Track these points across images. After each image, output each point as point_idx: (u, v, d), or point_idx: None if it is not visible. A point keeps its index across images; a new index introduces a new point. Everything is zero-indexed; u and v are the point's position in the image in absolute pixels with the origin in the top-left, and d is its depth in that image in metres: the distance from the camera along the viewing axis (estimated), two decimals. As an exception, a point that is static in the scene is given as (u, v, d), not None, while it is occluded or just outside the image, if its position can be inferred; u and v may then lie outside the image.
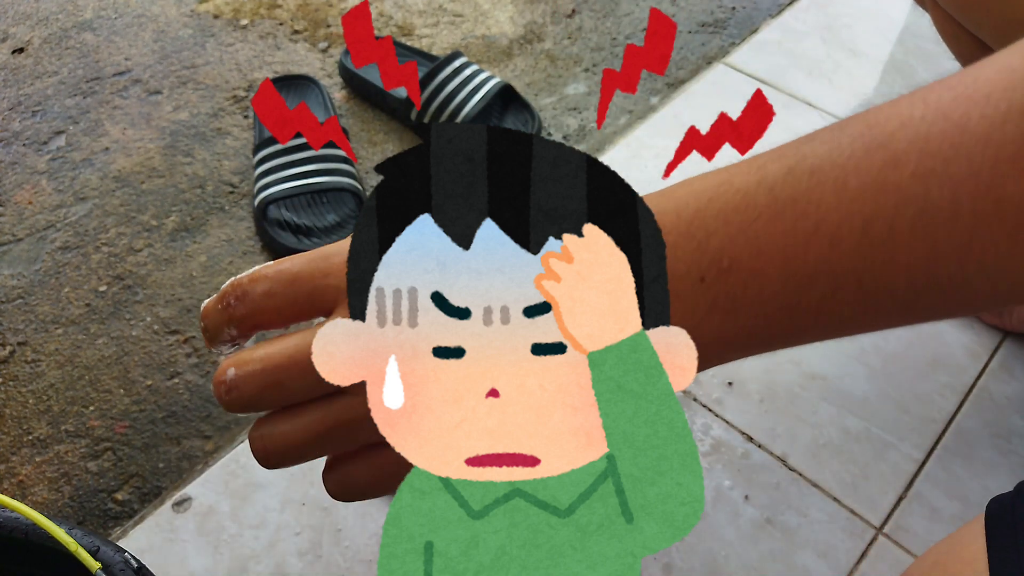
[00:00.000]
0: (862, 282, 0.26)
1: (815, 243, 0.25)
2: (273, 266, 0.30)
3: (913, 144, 0.25)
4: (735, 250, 0.27)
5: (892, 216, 0.25)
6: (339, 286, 0.29)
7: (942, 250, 0.24)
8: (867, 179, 0.25)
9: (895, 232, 0.25)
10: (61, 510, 0.70)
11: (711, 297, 0.27)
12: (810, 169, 0.26)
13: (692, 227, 0.28)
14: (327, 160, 0.90)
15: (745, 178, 0.28)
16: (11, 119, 1.01)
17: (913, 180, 0.24)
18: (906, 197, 0.24)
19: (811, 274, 0.26)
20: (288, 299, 0.30)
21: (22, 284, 0.85)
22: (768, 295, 0.25)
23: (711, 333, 0.27)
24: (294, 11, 1.16)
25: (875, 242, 0.25)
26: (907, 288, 0.25)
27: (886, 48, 1.14)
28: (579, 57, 1.11)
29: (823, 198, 0.25)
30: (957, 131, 0.24)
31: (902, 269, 0.25)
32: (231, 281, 0.31)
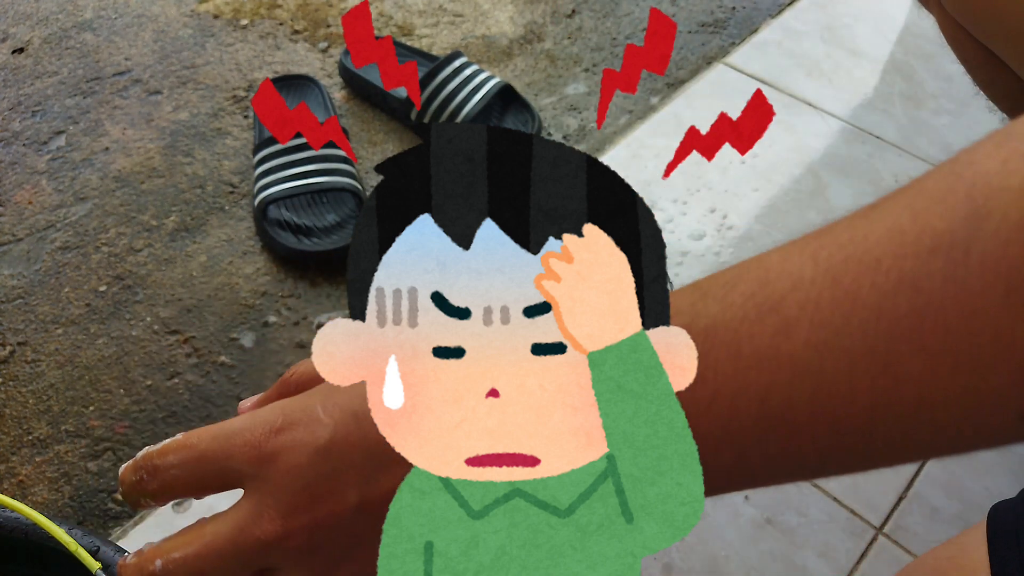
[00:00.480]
0: (767, 451, 0.25)
1: (715, 411, 0.25)
2: (181, 442, 0.31)
3: (804, 310, 0.24)
4: None
5: (788, 389, 0.24)
6: (241, 469, 0.30)
7: (844, 427, 0.24)
8: (760, 346, 0.25)
9: (794, 406, 0.24)
10: (61, 510, 0.70)
11: None
12: (704, 330, 0.26)
13: None
14: (327, 160, 0.90)
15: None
16: (11, 119, 1.01)
17: (806, 350, 0.24)
18: (801, 370, 0.24)
19: (716, 441, 0.25)
20: (196, 477, 0.31)
21: (22, 284, 0.85)
22: None
23: None
24: (294, 11, 1.16)
25: (774, 414, 0.25)
26: (816, 455, 0.25)
27: (886, 48, 1.14)
28: (579, 57, 1.11)
29: (719, 365, 0.25)
30: (848, 299, 0.23)
31: (807, 440, 0.25)
32: (144, 453, 0.32)
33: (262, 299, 0.84)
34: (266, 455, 0.30)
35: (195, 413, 0.76)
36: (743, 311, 0.25)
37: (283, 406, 0.31)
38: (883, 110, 1.05)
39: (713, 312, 0.26)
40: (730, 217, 0.92)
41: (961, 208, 0.22)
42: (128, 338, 0.81)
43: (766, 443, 0.25)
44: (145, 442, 0.74)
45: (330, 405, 0.30)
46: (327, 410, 0.30)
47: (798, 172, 0.97)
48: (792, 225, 0.91)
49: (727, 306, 0.26)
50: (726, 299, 0.26)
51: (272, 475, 0.30)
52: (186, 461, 0.31)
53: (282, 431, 0.30)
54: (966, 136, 1.01)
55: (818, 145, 1.00)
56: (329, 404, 0.30)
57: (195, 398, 0.77)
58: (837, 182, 0.96)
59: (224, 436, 0.31)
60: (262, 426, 0.31)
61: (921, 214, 0.23)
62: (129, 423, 0.75)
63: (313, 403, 0.31)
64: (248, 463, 0.30)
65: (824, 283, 0.24)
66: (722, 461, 0.26)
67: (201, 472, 0.31)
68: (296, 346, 0.80)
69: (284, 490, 0.30)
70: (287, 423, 0.30)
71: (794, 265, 0.25)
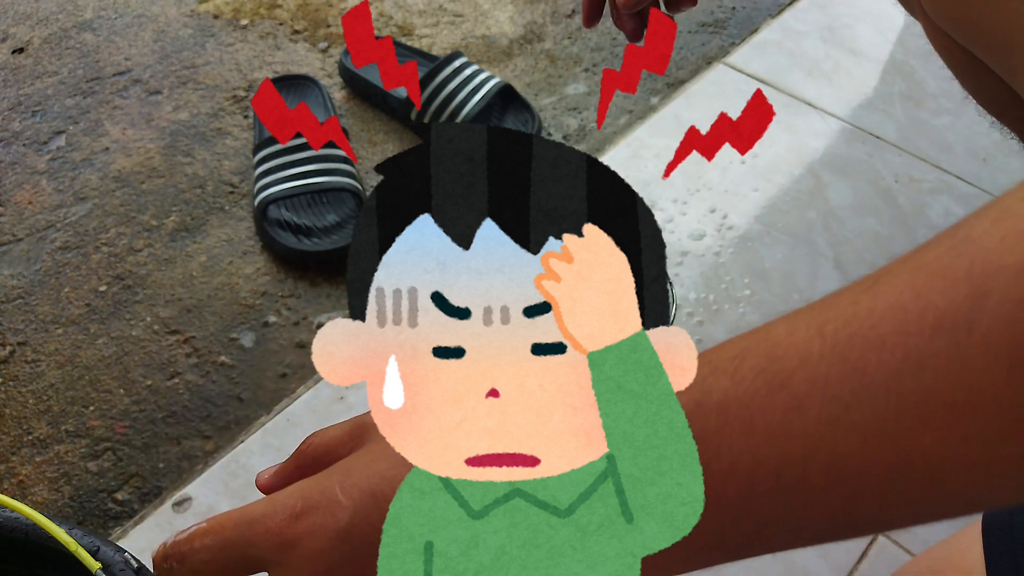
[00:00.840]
0: (785, 520, 0.26)
1: (732, 484, 0.25)
2: (206, 529, 0.32)
3: (814, 386, 0.24)
4: None
5: (803, 464, 0.25)
6: (264, 556, 0.31)
7: (859, 497, 0.25)
8: (773, 422, 0.25)
9: (809, 479, 0.25)
10: (61, 510, 0.70)
11: None
12: (717, 406, 0.26)
13: None
14: (327, 160, 0.90)
15: None
16: (11, 119, 1.01)
17: (819, 426, 0.24)
18: (814, 444, 0.24)
19: (735, 514, 0.26)
20: (222, 563, 0.32)
21: (22, 284, 0.85)
22: (695, 532, 0.25)
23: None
24: (294, 11, 1.16)
25: (790, 487, 0.25)
26: (832, 526, 0.26)
27: (886, 48, 1.14)
28: (579, 57, 1.11)
29: (733, 439, 0.26)
30: (856, 375, 0.24)
31: (822, 512, 0.25)
32: (173, 540, 0.33)
33: (262, 299, 0.84)
34: (288, 541, 0.30)
35: (195, 413, 0.76)
36: (754, 387, 0.26)
37: (302, 489, 0.32)
38: (883, 110, 1.05)
39: (724, 387, 0.26)
40: (730, 217, 0.92)
41: (962, 286, 0.23)
42: (128, 338, 0.81)
43: (783, 514, 0.26)
44: (145, 442, 0.74)
45: (349, 486, 0.31)
46: (346, 492, 0.30)
47: (798, 172, 0.97)
48: (792, 225, 0.91)
49: (737, 381, 0.26)
50: (736, 374, 0.26)
51: (295, 561, 0.30)
52: (211, 548, 0.32)
53: (302, 516, 0.31)
54: (966, 136, 1.01)
55: (818, 145, 1.00)
56: (348, 485, 0.31)
57: (195, 398, 0.77)
58: (837, 182, 0.96)
59: (246, 523, 0.31)
60: (282, 512, 0.31)
61: (923, 291, 0.24)
62: (129, 423, 0.75)
63: (332, 484, 0.31)
64: (270, 550, 0.31)
65: (832, 359, 0.24)
66: (743, 530, 0.26)
67: (225, 559, 0.32)
68: (296, 346, 0.80)
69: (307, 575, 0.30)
70: (307, 507, 0.31)
71: (801, 339, 0.26)
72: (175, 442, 0.74)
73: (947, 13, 0.46)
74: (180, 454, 0.73)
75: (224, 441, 0.74)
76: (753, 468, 0.25)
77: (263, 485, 0.36)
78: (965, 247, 0.23)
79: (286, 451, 0.72)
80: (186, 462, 0.73)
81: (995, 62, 0.45)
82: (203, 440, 0.74)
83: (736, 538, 0.26)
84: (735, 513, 0.26)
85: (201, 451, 0.73)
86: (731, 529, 0.26)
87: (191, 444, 0.74)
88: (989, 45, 0.45)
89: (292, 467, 0.36)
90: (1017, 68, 0.43)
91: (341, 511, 0.30)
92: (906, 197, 0.95)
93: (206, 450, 0.73)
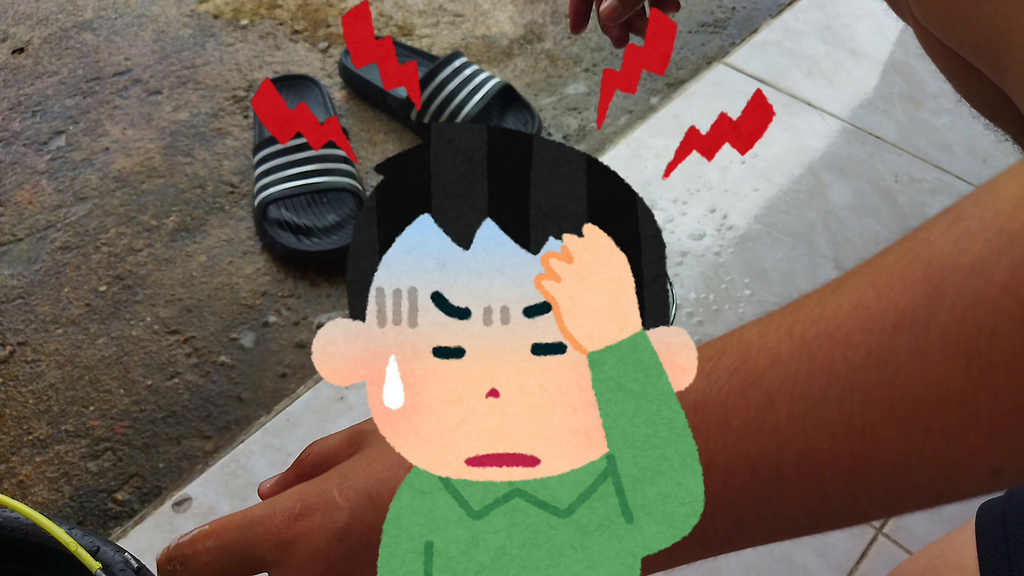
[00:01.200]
0: (761, 513, 0.27)
1: (709, 480, 0.26)
2: (208, 532, 0.33)
3: (784, 384, 0.26)
4: None
5: (776, 458, 0.26)
6: (264, 557, 0.32)
7: (830, 489, 0.26)
8: (747, 418, 0.26)
9: (782, 473, 0.26)
10: (61, 510, 0.70)
11: None
12: (693, 404, 0.27)
13: None
14: (327, 160, 0.90)
15: None
16: (11, 119, 1.01)
17: (789, 421, 0.25)
18: (785, 439, 0.26)
19: (713, 507, 0.27)
20: (224, 565, 0.33)
21: (22, 284, 0.85)
22: None
23: None
24: (294, 11, 1.16)
25: (764, 481, 0.26)
26: (806, 517, 0.27)
27: (886, 48, 1.14)
28: (579, 57, 1.11)
29: (709, 436, 0.27)
30: (823, 373, 0.25)
31: (797, 503, 0.26)
32: (176, 543, 0.34)
33: (262, 299, 0.84)
34: (287, 542, 0.31)
35: (195, 413, 0.76)
36: (728, 385, 0.27)
37: (301, 492, 0.32)
38: (883, 110, 1.05)
39: (700, 386, 0.27)
40: (730, 217, 0.92)
41: (920, 286, 0.24)
42: (128, 338, 0.81)
43: (759, 507, 0.27)
44: (145, 442, 0.74)
45: (346, 488, 0.31)
46: (343, 493, 0.31)
47: (798, 172, 0.97)
48: (792, 225, 0.91)
49: (713, 381, 0.27)
50: (711, 374, 0.28)
51: (294, 561, 0.31)
52: (213, 550, 0.33)
53: (301, 517, 0.31)
54: (966, 136, 1.01)
55: (818, 145, 1.00)
56: (345, 487, 0.31)
57: (195, 398, 0.77)
58: (837, 182, 0.96)
59: (247, 525, 0.32)
60: (281, 513, 0.32)
61: (884, 291, 0.25)
62: (129, 423, 0.75)
63: (329, 487, 0.32)
64: (270, 551, 0.32)
65: (800, 358, 0.26)
66: (721, 524, 0.27)
67: (227, 560, 0.33)
68: (296, 346, 0.80)
69: (306, 575, 0.31)
70: (305, 509, 0.32)
71: (772, 340, 0.27)
72: (175, 442, 0.74)
73: (936, 17, 0.46)
74: (180, 454, 0.73)
75: (224, 441, 0.74)
76: (729, 463, 0.27)
77: (264, 493, 0.37)
78: (923, 248, 0.25)
79: (286, 451, 0.72)
80: (186, 462, 0.73)
81: (984, 65, 0.46)
82: (203, 440, 0.74)
83: (715, 532, 0.27)
84: (712, 508, 0.26)
85: (201, 451, 0.73)
86: (710, 524, 0.27)
87: (191, 444, 0.74)
88: (978, 48, 0.45)
89: (293, 476, 0.37)
90: (1007, 70, 0.43)
91: (338, 512, 0.31)
92: (906, 197, 0.95)
93: (206, 450, 0.73)
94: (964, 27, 0.45)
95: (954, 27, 0.46)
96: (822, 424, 0.25)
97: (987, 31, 0.43)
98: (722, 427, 0.27)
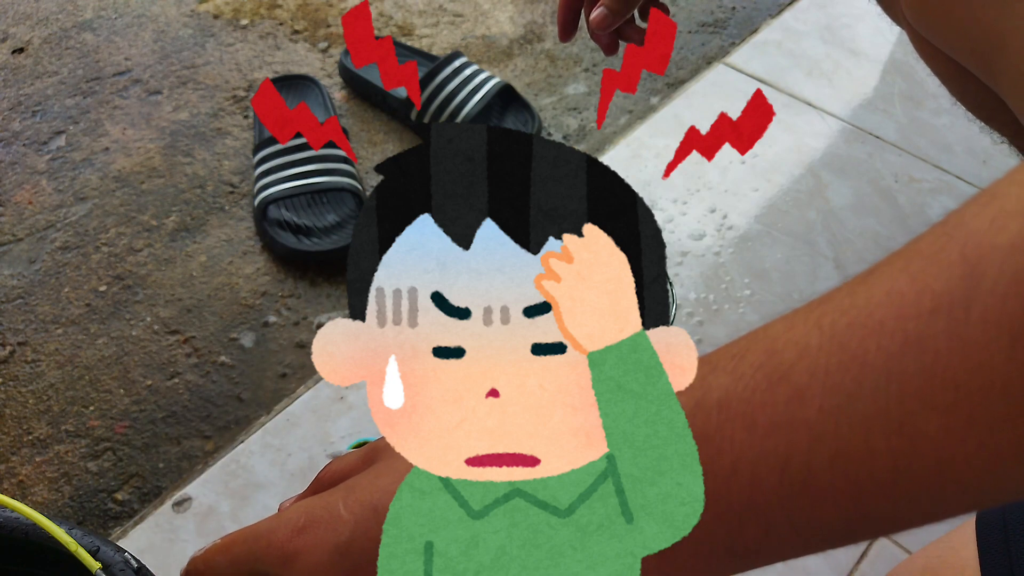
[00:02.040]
0: (793, 520, 0.25)
1: (736, 483, 0.25)
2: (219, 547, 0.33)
3: (815, 377, 0.24)
4: None
5: (807, 455, 0.24)
6: (268, 571, 0.32)
7: (867, 487, 0.24)
8: (775, 415, 0.25)
9: (814, 472, 0.24)
10: (61, 510, 0.70)
11: None
12: (717, 403, 0.26)
13: None
14: (327, 160, 0.90)
15: None
16: (11, 119, 1.01)
17: (821, 416, 0.24)
18: (817, 436, 0.24)
19: (740, 514, 0.25)
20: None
21: (22, 284, 0.85)
22: (702, 537, 0.25)
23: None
24: (294, 11, 1.16)
25: (796, 481, 0.25)
26: (842, 523, 0.25)
27: (886, 48, 1.14)
28: (579, 57, 1.11)
29: (735, 435, 0.25)
30: (857, 364, 0.24)
31: (830, 505, 0.25)
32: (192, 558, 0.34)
33: (262, 299, 0.84)
34: (289, 555, 0.31)
35: (195, 413, 0.76)
36: (754, 382, 0.26)
37: (307, 505, 0.32)
38: (883, 110, 1.05)
39: (724, 384, 0.26)
40: (730, 217, 0.92)
41: (956, 268, 0.23)
42: (128, 338, 0.81)
43: (791, 513, 0.25)
44: (145, 442, 0.74)
45: (351, 501, 0.31)
46: (348, 506, 0.31)
47: (798, 172, 0.97)
48: (792, 225, 0.91)
49: (737, 378, 0.26)
50: (736, 371, 0.26)
51: (295, 574, 0.31)
52: (223, 565, 0.33)
53: (304, 530, 0.31)
54: (966, 135, 1.01)
55: (818, 145, 1.00)
56: (350, 500, 0.31)
57: (195, 398, 0.77)
58: (837, 182, 0.96)
59: (253, 539, 0.32)
60: (286, 526, 0.32)
61: (918, 276, 0.23)
62: (129, 423, 0.75)
63: (335, 500, 0.32)
64: (274, 564, 0.32)
65: (831, 349, 0.24)
66: (749, 535, 0.26)
67: (236, 574, 0.33)
68: (296, 346, 0.80)
69: None
70: (309, 522, 0.31)
71: (799, 333, 0.25)
72: (175, 442, 0.74)
73: (929, 21, 0.46)
74: (180, 454, 0.73)
75: (224, 441, 0.74)
76: (756, 464, 0.25)
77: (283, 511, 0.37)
78: (957, 231, 0.23)
79: (286, 451, 0.72)
80: (186, 462, 0.73)
81: (978, 69, 0.45)
82: (203, 440, 0.74)
83: (743, 542, 0.26)
84: (740, 515, 0.25)
85: (201, 451, 0.73)
86: (737, 533, 0.25)
87: (191, 444, 0.74)
88: (971, 52, 0.45)
89: (310, 494, 0.37)
90: (1000, 74, 0.43)
91: (342, 525, 0.31)
92: (906, 197, 0.95)
93: (206, 450, 0.73)
94: (957, 31, 0.45)
95: (947, 31, 0.46)
96: (857, 418, 0.23)
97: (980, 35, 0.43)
98: (748, 426, 0.25)
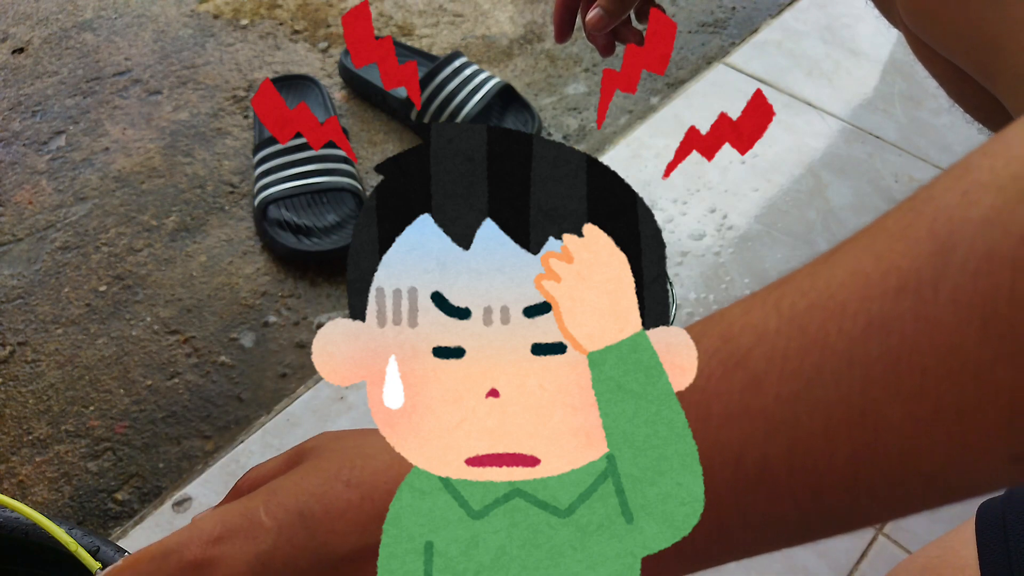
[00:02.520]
0: (746, 517, 0.24)
1: None
2: (123, 567, 0.29)
3: (772, 363, 0.23)
4: None
5: (763, 446, 0.23)
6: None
7: (826, 483, 0.23)
8: (730, 404, 0.23)
9: (770, 464, 0.23)
10: (61, 510, 0.70)
11: None
12: None
13: None
14: (327, 160, 0.90)
15: None
16: (11, 119, 1.01)
17: (778, 404, 0.23)
18: (774, 425, 0.23)
19: None
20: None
21: (22, 284, 0.85)
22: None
23: None
24: (294, 11, 1.16)
25: (751, 475, 0.23)
26: (798, 519, 0.24)
27: (886, 48, 1.14)
28: (579, 57, 1.11)
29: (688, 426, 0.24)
30: (817, 348, 0.22)
31: (788, 501, 0.23)
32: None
33: (262, 299, 0.84)
34: (202, 569, 0.28)
35: (195, 413, 0.76)
36: (708, 369, 0.24)
37: (223, 512, 0.29)
38: (883, 110, 1.05)
39: None
40: (730, 217, 0.92)
41: (925, 244, 0.21)
42: (128, 338, 0.81)
43: (745, 508, 0.24)
44: (145, 442, 0.74)
45: (273, 506, 0.28)
46: (270, 512, 0.28)
47: (798, 172, 0.97)
48: (792, 225, 0.91)
49: None
50: None
51: None
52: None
53: (219, 541, 0.28)
54: (966, 136, 1.01)
55: (818, 145, 1.00)
56: (272, 505, 0.28)
57: (195, 398, 0.77)
58: (837, 182, 0.96)
59: (161, 556, 0.29)
60: (198, 538, 0.28)
61: (884, 254, 0.22)
62: (129, 423, 0.75)
63: (255, 506, 0.28)
64: None
65: (790, 333, 0.23)
66: (698, 539, 0.24)
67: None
68: (296, 346, 0.80)
69: None
70: (225, 531, 0.28)
71: (757, 317, 0.24)
72: (175, 442, 0.74)
73: (926, 24, 0.46)
74: (180, 454, 0.73)
75: (224, 441, 0.74)
76: (709, 458, 0.24)
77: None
78: (926, 206, 0.22)
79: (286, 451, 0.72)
80: (186, 462, 0.73)
81: (975, 70, 0.46)
82: (203, 440, 0.74)
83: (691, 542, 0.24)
84: None
85: (201, 451, 0.73)
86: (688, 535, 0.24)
87: (191, 444, 0.74)
88: (968, 54, 0.45)
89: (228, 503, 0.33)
90: (996, 75, 0.43)
91: (263, 533, 0.28)
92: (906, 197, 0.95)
93: (206, 450, 0.73)
94: (953, 34, 0.45)
95: (944, 34, 0.46)
96: (816, 405, 0.22)
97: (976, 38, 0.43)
98: (702, 415, 0.24)
